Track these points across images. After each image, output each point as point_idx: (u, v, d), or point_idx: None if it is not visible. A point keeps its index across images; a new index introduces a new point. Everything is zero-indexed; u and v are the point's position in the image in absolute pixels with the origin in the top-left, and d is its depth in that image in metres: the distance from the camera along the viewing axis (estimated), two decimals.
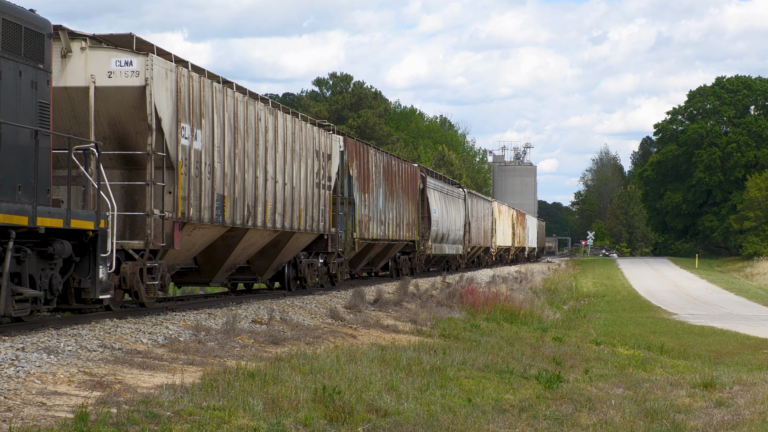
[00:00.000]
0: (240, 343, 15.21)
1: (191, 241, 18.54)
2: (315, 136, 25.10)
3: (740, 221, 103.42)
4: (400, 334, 20.58)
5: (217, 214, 18.83)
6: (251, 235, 21.12)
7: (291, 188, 23.05)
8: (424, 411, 11.97)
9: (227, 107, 19.35)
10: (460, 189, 52.37)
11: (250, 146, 20.50)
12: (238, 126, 19.88)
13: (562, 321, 34.14)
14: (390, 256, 36.75)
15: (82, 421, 8.71)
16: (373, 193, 31.91)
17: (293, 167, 23.22)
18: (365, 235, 30.53)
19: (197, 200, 18.04)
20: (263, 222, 21.21)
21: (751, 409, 14.27)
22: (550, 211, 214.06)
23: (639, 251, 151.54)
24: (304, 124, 24.31)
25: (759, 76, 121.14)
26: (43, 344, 12.50)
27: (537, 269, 73.10)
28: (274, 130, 21.91)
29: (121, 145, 17.18)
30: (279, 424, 10.03)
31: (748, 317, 39.08)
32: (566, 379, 16.49)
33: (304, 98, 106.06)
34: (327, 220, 26.07)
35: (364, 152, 30.94)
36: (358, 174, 29.78)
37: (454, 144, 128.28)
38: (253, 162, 20.67)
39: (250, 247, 21.79)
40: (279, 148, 22.22)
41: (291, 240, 23.45)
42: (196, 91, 18.04)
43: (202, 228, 18.57)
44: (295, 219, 23.33)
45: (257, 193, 20.90)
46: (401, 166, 36.90)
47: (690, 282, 65.77)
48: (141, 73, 16.52)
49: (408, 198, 37.64)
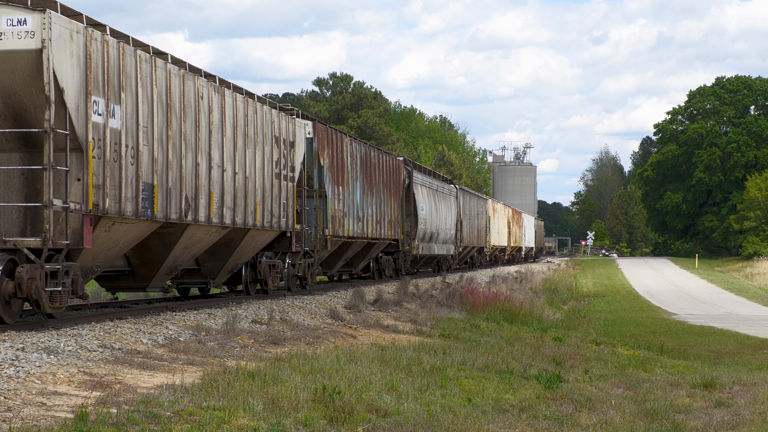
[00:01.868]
0: (240, 343, 15.21)
1: (112, 239, 15.68)
2: (274, 120, 22.21)
3: (740, 221, 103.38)
4: (400, 334, 20.58)
5: (144, 207, 15.95)
6: (193, 232, 18.41)
7: (243, 178, 20.26)
8: (424, 411, 11.98)
9: (157, 81, 16.47)
10: (451, 185, 49.57)
11: (188, 128, 17.65)
12: (173, 104, 17.02)
13: (562, 321, 34.16)
14: (371, 256, 33.77)
15: (82, 421, 8.72)
16: (349, 187, 28.91)
17: (246, 154, 20.41)
18: (339, 233, 27.66)
19: (116, 189, 15.07)
20: (207, 217, 18.50)
21: (751, 409, 14.27)
22: (550, 211, 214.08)
23: (639, 251, 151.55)
24: (261, 106, 21.44)
25: (759, 76, 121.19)
26: (43, 344, 12.50)
27: (537, 269, 73.11)
28: (220, 110, 19.08)
29: (18, 123, 14.32)
30: (279, 424, 10.03)
31: (748, 317, 39.07)
32: (566, 379, 16.50)
33: (304, 98, 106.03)
34: (290, 215, 23.28)
35: (338, 141, 27.91)
36: (330, 164, 26.87)
37: (454, 144, 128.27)
38: (192, 146, 17.84)
39: (194, 245, 19.06)
40: (227, 132, 19.41)
41: (246, 238, 20.96)
42: (113, 59, 15.02)
43: (125, 223, 15.69)
44: (250, 214, 20.58)
45: (199, 182, 18.06)
46: (383, 159, 33.79)
47: (690, 282, 65.75)
48: (37, 34, 13.68)
49: (390, 193, 34.64)
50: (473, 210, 56.85)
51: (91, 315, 16.56)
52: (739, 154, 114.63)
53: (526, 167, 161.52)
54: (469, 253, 58.15)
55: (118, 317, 16.40)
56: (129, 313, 17.10)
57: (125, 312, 17.37)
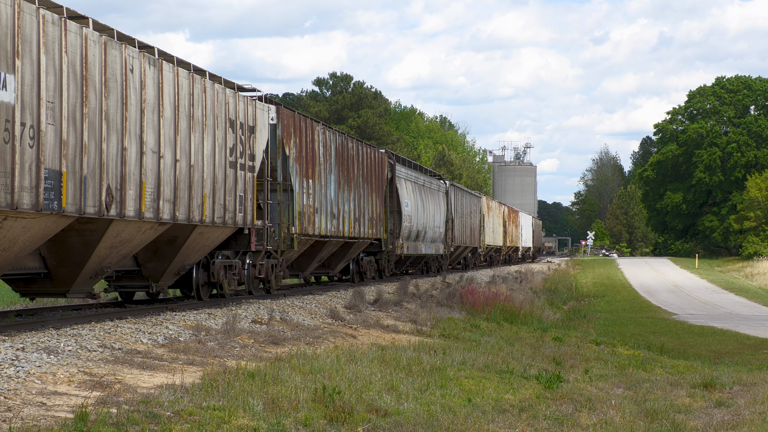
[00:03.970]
0: (240, 343, 15.22)
1: (7, 237, 13.28)
2: (229, 102, 19.67)
3: (740, 221, 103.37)
4: (400, 334, 20.58)
5: (48, 199, 13.47)
6: (120, 229, 15.72)
7: (187, 166, 17.71)
8: (424, 411, 11.98)
9: (68, 48, 13.90)
10: (440, 181, 46.78)
11: (112, 105, 14.99)
12: (90, 76, 14.46)
13: (562, 321, 34.18)
14: (350, 257, 30.85)
15: (82, 421, 8.72)
16: (321, 180, 26.07)
17: (192, 139, 17.87)
18: (309, 231, 24.88)
19: (7, 177, 12.61)
20: (138, 211, 15.83)
21: (751, 409, 14.27)
22: (550, 211, 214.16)
23: (639, 251, 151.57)
24: (212, 84, 18.90)
25: (759, 76, 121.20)
26: (43, 344, 12.51)
27: (537, 269, 73.11)
28: (157, 86, 16.51)
29: None
30: (279, 424, 10.03)
31: (748, 317, 39.07)
32: (566, 379, 16.50)
33: (304, 98, 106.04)
34: (249, 210, 20.70)
35: (308, 129, 25.13)
36: (298, 154, 24.11)
37: (454, 144, 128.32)
38: (118, 128, 15.19)
39: (123, 244, 16.30)
40: (166, 112, 16.82)
41: (193, 236, 18.47)
42: (4, 18, 12.55)
43: (23, 217, 13.21)
44: (196, 208, 18.06)
45: (126, 170, 15.39)
46: (362, 151, 30.75)
47: (690, 282, 65.74)
48: None
49: (372, 188, 31.73)
50: (466, 208, 54.01)
51: (91, 315, 16.57)
52: (739, 154, 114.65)
53: (526, 167, 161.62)
54: (461, 253, 55.63)
55: (118, 317, 16.42)
56: (129, 313, 17.11)
57: (125, 312, 17.38)
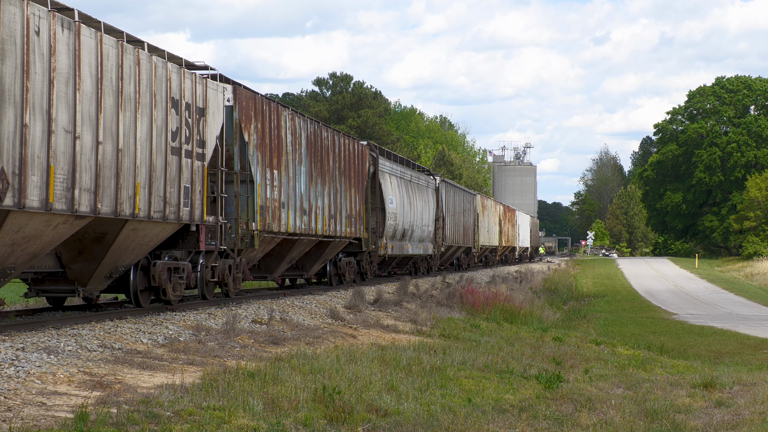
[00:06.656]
0: (240, 343, 15.22)
1: None
2: (172, 78, 17.12)
3: (740, 221, 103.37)
4: (400, 334, 20.59)
5: None
6: (22, 223, 13.18)
7: (114, 150, 15.11)
8: (424, 411, 11.98)
9: None
10: (429, 176, 44.27)
11: (8, 73, 12.47)
12: None
13: (562, 321, 34.18)
14: (326, 257, 28.07)
15: (82, 421, 8.72)
16: (289, 171, 23.46)
17: (121, 119, 15.28)
18: (273, 227, 22.26)
19: None
20: (44, 201, 13.29)
21: (751, 409, 14.27)
22: (550, 211, 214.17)
23: (639, 251, 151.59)
24: (149, 56, 16.30)
25: (759, 76, 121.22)
26: (43, 344, 12.51)
27: (537, 269, 73.13)
28: (72, 54, 13.86)
29: None
30: (279, 424, 10.03)
31: (748, 317, 39.07)
32: (566, 379, 16.50)
33: (304, 98, 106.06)
34: (197, 203, 18.23)
35: (272, 113, 22.42)
36: (260, 141, 21.53)
37: (454, 144, 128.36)
38: (16, 100, 12.63)
39: (28, 241, 13.78)
40: (85, 86, 14.22)
41: (125, 232, 16.01)
42: None
43: None
44: (126, 199, 15.50)
45: (27, 151, 12.84)
46: (340, 141, 28.13)
47: (690, 282, 65.73)
48: None
49: (350, 183, 29.14)
50: (458, 205, 51.11)
51: (91, 315, 16.57)
52: (739, 154, 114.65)
53: (526, 167, 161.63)
54: (454, 253, 52.88)
55: (118, 317, 16.42)
56: (129, 313, 17.11)
57: (125, 312, 17.38)
